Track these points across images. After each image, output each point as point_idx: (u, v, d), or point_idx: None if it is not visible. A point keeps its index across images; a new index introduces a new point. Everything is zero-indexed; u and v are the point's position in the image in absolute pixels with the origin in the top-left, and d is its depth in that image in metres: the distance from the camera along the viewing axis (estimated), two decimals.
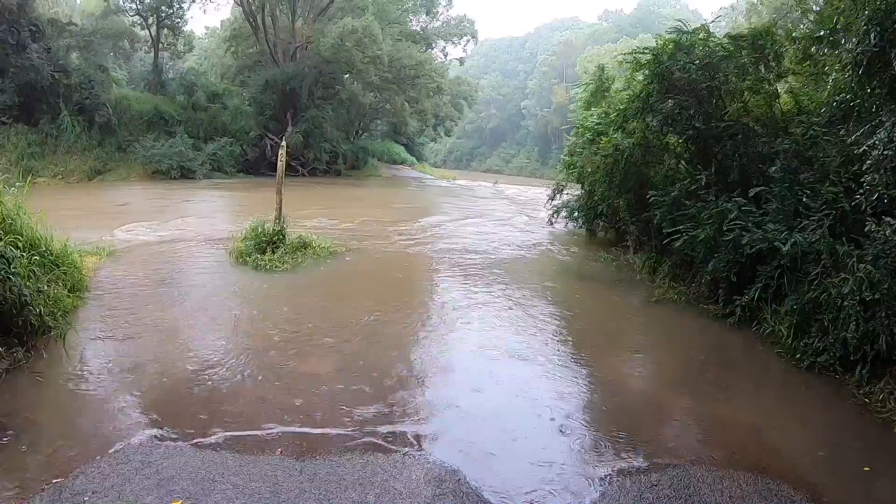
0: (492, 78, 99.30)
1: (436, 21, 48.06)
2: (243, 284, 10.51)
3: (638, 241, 13.38)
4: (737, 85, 10.81)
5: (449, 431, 5.68)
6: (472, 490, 4.67)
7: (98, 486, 4.44)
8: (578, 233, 17.69)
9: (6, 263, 6.54)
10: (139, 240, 13.89)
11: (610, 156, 13.18)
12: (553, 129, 77.94)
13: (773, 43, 10.71)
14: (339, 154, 39.33)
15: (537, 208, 22.37)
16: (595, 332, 9.17)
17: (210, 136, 34.89)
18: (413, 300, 10.57)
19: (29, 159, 27.01)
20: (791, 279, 8.21)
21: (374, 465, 4.96)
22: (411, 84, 40.71)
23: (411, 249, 14.54)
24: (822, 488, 4.88)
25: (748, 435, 5.82)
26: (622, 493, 4.72)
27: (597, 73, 17.93)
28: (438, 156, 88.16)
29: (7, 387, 5.96)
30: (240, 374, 6.67)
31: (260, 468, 4.82)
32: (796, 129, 9.85)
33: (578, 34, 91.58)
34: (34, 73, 27.66)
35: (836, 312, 7.22)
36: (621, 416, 6.19)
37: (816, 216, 8.43)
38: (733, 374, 7.44)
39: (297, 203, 18.00)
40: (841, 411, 6.47)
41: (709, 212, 9.72)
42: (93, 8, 40.19)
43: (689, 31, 11.07)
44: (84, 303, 8.64)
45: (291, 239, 12.31)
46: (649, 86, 11.29)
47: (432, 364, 7.33)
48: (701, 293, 10.05)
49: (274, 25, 38.09)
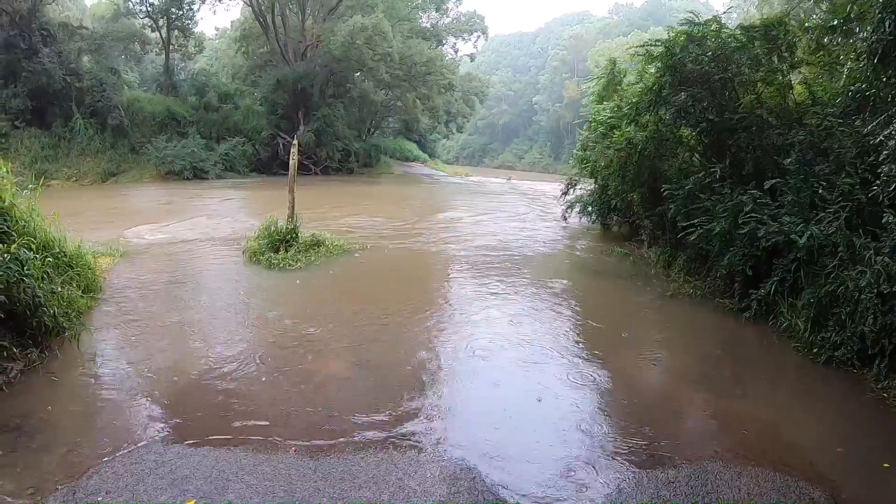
0: (503, 74, 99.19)
1: (446, 17, 47.99)
2: (256, 284, 10.54)
3: (652, 235, 13.30)
4: (750, 76, 10.68)
5: (463, 429, 5.65)
6: (488, 488, 4.64)
7: (112, 486, 4.45)
8: (592, 227, 17.61)
9: (20, 265, 6.58)
10: (152, 240, 13.96)
11: (623, 149, 13.07)
12: (565, 123, 77.82)
13: (786, 33, 10.57)
14: (351, 152, 39.37)
15: (551, 203, 22.26)
16: (610, 327, 9.09)
17: (222, 137, 35.09)
18: (427, 297, 10.54)
19: (42, 162, 27.20)
20: (807, 272, 8.11)
21: (388, 463, 4.94)
22: (422, 81, 40.60)
23: (424, 246, 14.52)
24: (840, 485, 4.81)
25: (765, 431, 5.75)
26: (639, 491, 4.67)
27: (608, 66, 17.77)
28: (451, 152, 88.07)
29: (22, 387, 6.00)
30: (253, 374, 6.68)
31: (274, 467, 4.81)
32: (811, 120, 9.75)
33: (589, 28, 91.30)
34: (46, 77, 27.85)
35: (853, 306, 7.12)
36: (637, 412, 6.13)
37: (832, 208, 8.32)
38: (750, 369, 7.37)
39: (310, 201, 18.02)
40: (859, 406, 6.38)
41: (724, 205, 9.62)
42: (103, 11, 40.46)
43: (700, 23, 10.95)
44: (98, 303, 8.70)
45: (304, 237, 12.32)
46: (662, 78, 11.18)
47: (446, 362, 7.29)
48: (716, 287, 9.96)
49: (284, 25, 38.12)
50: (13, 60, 27.78)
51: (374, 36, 33.92)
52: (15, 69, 27.85)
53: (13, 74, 28.01)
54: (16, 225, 7.44)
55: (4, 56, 27.78)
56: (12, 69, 27.91)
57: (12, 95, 27.86)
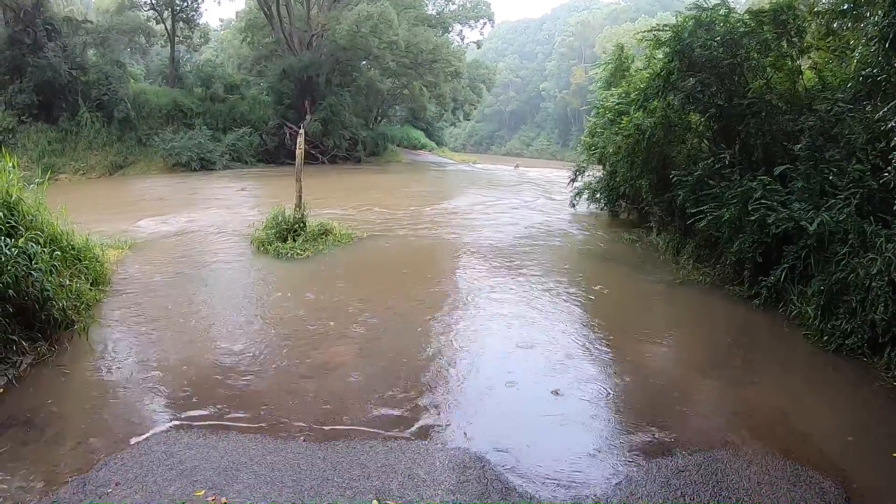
0: (510, 60, 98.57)
1: (451, 4, 47.74)
2: (265, 273, 10.55)
3: (661, 221, 13.22)
4: (759, 61, 10.59)
5: (472, 418, 5.65)
6: (497, 476, 4.65)
7: (121, 478, 4.47)
8: (600, 214, 17.54)
9: (28, 259, 6.61)
10: (160, 231, 14.00)
11: (631, 136, 12.98)
12: (573, 110, 77.40)
13: (796, 18, 10.41)
14: (358, 140, 39.26)
15: (559, 190, 22.18)
16: (620, 315, 9.07)
17: (229, 127, 35.11)
18: (435, 286, 10.51)
19: (50, 156, 27.33)
20: (818, 259, 8.06)
21: (397, 452, 4.96)
22: (429, 68, 40.35)
23: (432, 234, 14.50)
24: (850, 474, 4.78)
25: (775, 419, 5.72)
26: (648, 479, 4.66)
27: (616, 52, 17.65)
28: (458, 140, 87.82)
29: (31, 381, 6.05)
30: (262, 364, 6.70)
31: (283, 457, 4.83)
32: (821, 105, 9.64)
33: (596, 14, 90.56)
34: (51, 72, 27.89)
35: (864, 293, 7.07)
36: (647, 400, 6.12)
37: (843, 195, 8.25)
38: (760, 357, 7.32)
39: (318, 190, 18.04)
40: (869, 395, 6.33)
41: (733, 191, 9.55)
42: (107, 4, 40.30)
43: (709, 8, 10.81)
44: (106, 296, 8.75)
45: (312, 226, 12.34)
46: (670, 64, 11.08)
47: (455, 351, 7.30)
48: (726, 274, 9.91)
49: (289, 14, 37.94)
50: (18, 56, 27.84)
51: (380, 24, 33.73)
52: (20, 64, 27.91)
53: (19, 70, 28.07)
54: (23, 219, 7.47)
55: (10, 52, 27.85)
56: (18, 64, 27.98)
57: (18, 91, 27.95)
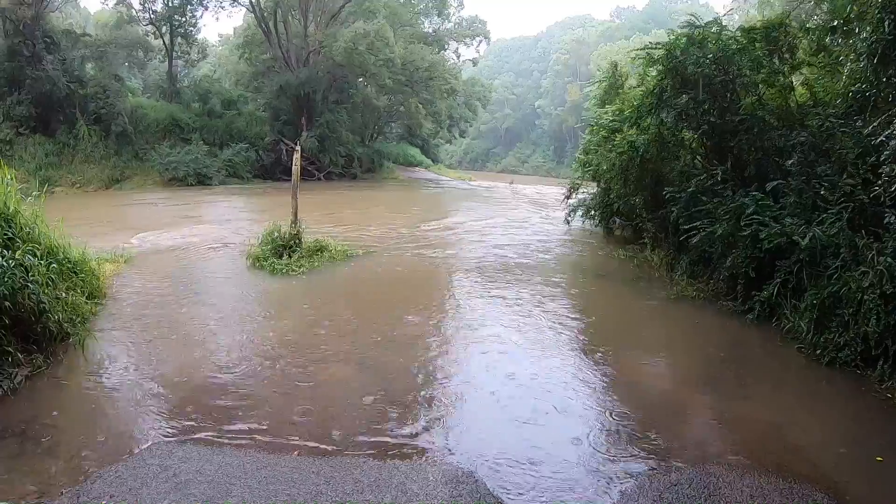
0: (505, 78, 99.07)
1: (448, 22, 48.05)
2: (260, 290, 10.57)
3: (655, 238, 13.27)
4: (751, 78, 10.68)
5: (466, 434, 5.65)
6: (489, 492, 4.64)
7: (115, 491, 4.46)
8: (595, 231, 17.57)
9: (24, 272, 6.63)
10: (156, 246, 14.01)
11: (625, 153, 13.07)
12: (568, 127, 77.83)
13: (787, 34, 10.57)
14: (354, 157, 39.45)
15: (554, 207, 22.25)
16: (614, 330, 9.09)
17: (225, 143, 35.21)
18: (431, 302, 10.53)
19: (47, 169, 27.40)
20: (810, 273, 8.09)
21: (390, 466, 4.95)
22: (425, 86, 40.63)
23: (428, 251, 14.51)
24: (844, 486, 4.79)
25: (769, 433, 5.73)
26: (641, 494, 4.66)
27: (610, 69, 17.83)
28: (454, 157, 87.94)
29: (27, 392, 6.03)
30: (256, 379, 6.70)
31: (277, 471, 4.82)
32: (812, 121, 9.73)
33: (591, 32, 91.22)
34: (50, 85, 28.05)
35: (856, 306, 7.11)
36: (641, 415, 6.12)
37: (835, 209, 8.30)
38: (753, 371, 7.33)
39: (314, 207, 18.07)
40: (863, 407, 6.36)
41: (726, 207, 9.62)
42: (106, 18, 40.60)
43: (701, 25, 10.94)
44: (103, 309, 8.74)
45: (308, 243, 12.36)
46: (663, 81, 11.19)
47: (450, 367, 7.31)
48: (719, 289, 9.94)
49: (286, 31, 38.23)
50: (17, 68, 27.99)
51: (377, 42, 33.96)
52: (19, 77, 28.05)
53: (17, 82, 28.21)
54: (20, 231, 7.50)
55: (8, 63, 28.02)
56: (16, 77, 28.12)
57: (16, 103, 28.06)
